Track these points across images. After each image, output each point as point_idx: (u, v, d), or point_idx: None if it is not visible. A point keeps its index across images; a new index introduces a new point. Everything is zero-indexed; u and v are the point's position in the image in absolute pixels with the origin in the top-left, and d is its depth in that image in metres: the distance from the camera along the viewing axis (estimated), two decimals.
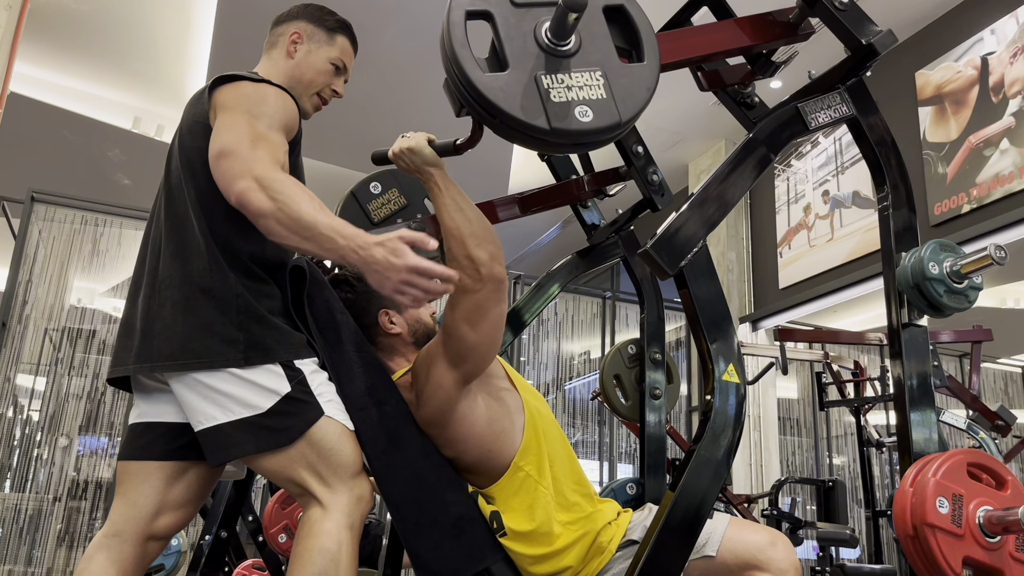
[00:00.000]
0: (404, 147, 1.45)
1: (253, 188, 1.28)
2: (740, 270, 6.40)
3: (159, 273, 1.45)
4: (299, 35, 1.65)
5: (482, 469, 1.49)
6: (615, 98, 1.20)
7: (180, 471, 1.48)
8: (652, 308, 2.34)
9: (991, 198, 4.43)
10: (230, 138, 1.35)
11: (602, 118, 1.19)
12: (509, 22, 1.20)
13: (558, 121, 1.16)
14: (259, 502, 4.16)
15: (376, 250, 1.23)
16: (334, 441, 1.39)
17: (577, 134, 1.18)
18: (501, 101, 1.15)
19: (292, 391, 1.37)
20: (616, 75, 1.22)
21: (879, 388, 3.86)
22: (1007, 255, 1.49)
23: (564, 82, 1.19)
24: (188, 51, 5.75)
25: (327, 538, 1.33)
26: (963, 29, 4.86)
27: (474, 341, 1.39)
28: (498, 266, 1.37)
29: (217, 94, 1.45)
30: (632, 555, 1.44)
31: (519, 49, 1.19)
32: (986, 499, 1.31)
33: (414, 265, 1.22)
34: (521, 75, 1.17)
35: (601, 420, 6.01)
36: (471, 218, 1.39)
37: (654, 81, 1.25)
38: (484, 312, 1.37)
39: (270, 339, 1.38)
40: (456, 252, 1.37)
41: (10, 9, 3.65)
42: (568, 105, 1.17)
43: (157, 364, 1.39)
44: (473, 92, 1.16)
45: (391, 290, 1.24)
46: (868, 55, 1.55)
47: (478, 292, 1.36)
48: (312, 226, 1.25)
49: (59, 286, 4.66)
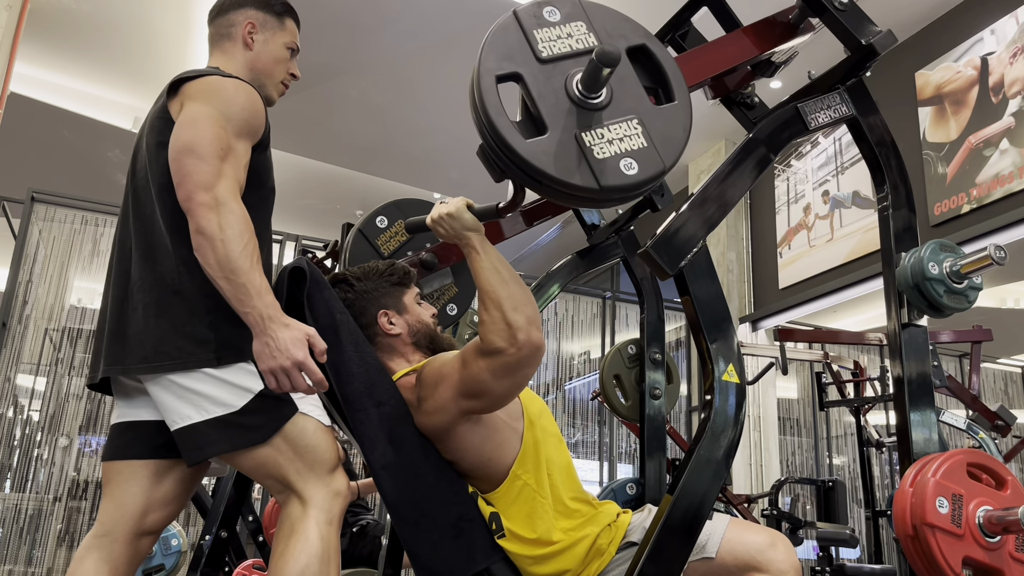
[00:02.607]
0: (443, 213, 1.42)
1: (210, 206, 1.30)
2: (740, 270, 6.39)
3: (131, 276, 1.45)
4: (253, 25, 1.62)
5: (480, 475, 1.50)
6: (655, 145, 1.20)
7: (165, 468, 1.49)
8: (652, 308, 2.34)
9: (991, 198, 4.43)
10: (199, 136, 1.35)
11: (647, 168, 1.19)
12: (539, 80, 1.19)
13: (606, 179, 1.16)
14: (259, 502, 4.16)
15: (281, 329, 1.28)
16: (310, 437, 1.40)
17: (625, 188, 1.18)
18: (548, 167, 1.14)
19: (265, 388, 1.37)
20: (652, 120, 1.22)
21: (879, 388, 3.86)
22: (1007, 255, 1.50)
23: (604, 136, 1.18)
24: (188, 51, 5.75)
25: (309, 534, 1.33)
26: (963, 29, 4.86)
27: (492, 390, 1.37)
28: (536, 331, 1.33)
29: (185, 88, 1.44)
30: (631, 557, 1.44)
31: (553, 107, 1.18)
32: (986, 499, 1.31)
33: (303, 361, 1.28)
34: (561, 136, 1.16)
35: (601, 420, 6.01)
36: (508, 281, 1.35)
37: (689, 120, 1.25)
38: (512, 372, 1.35)
39: (242, 338, 1.38)
40: (492, 314, 1.33)
41: (10, 9, 3.65)
42: (613, 160, 1.17)
43: (131, 367, 1.39)
44: (518, 161, 1.15)
45: (266, 368, 1.29)
46: (868, 55, 1.55)
47: (511, 356, 1.32)
48: (238, 271, 1.29)
49: (59, 286, 4.66)
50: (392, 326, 1.60)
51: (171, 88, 1.46)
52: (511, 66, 1.18)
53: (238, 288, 1.29)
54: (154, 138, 1.46)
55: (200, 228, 1.30)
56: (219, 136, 1.36)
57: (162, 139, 1.44)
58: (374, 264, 1.69)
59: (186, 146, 1.34)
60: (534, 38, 1.21)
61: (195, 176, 1.32)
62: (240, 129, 1.41)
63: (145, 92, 6.28)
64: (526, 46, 1.20)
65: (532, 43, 1.20)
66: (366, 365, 1.49)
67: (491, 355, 1.33)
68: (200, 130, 1.36)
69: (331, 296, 1.53)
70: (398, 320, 1.61)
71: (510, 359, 1.32)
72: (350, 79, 5.06)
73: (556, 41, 1.22)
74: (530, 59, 1.20)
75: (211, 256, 1.29)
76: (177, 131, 1.38)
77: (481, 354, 1.35)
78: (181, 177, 1.33)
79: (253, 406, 1.37)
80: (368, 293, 1.61)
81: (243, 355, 1.38)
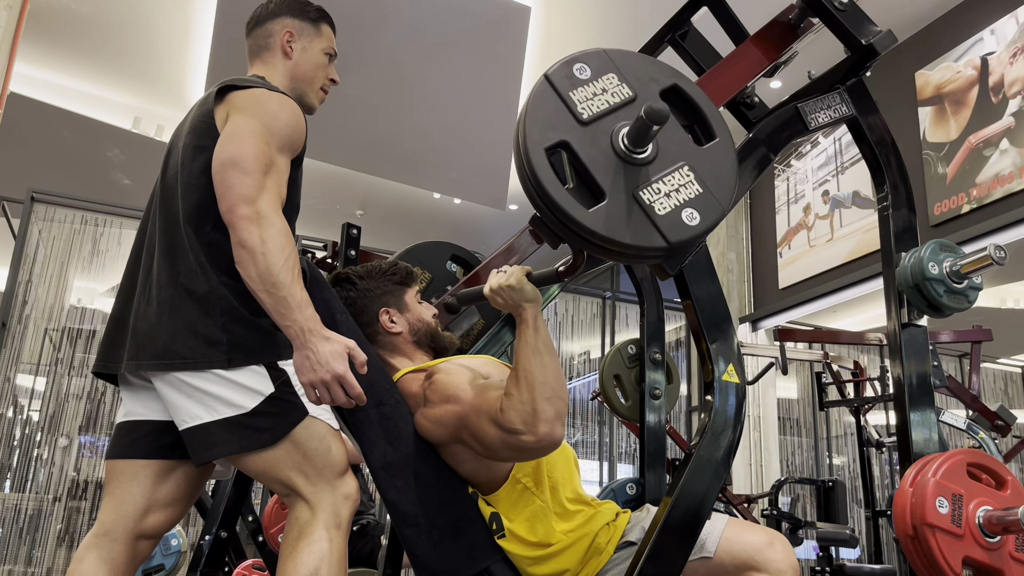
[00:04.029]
0: (503, 284, 1.40)
1: (252, 219, 1.31)
2: (740, 270, 6.39)
3: (152, 271, 1.45)
4: (291, 33, 1.64)
5: (479, 480, 1.49)
6: (710, 189, 1.20)
7: (168, 469, 1.48)
8: (652, 308, 2.34)
9: (991, 198, 4.43)
10: (243, 151, 1.36)
11: (709, 215, 1.18)
12: (585, 144, 1.18)
13: (673, 234, 1.16)
14: (259, 502, 4.16)
15: (322, 343, 1.28)
16: (319, 441, 1.39)
17: (693, 240, 1.18)
18: (615, 234, 1.14)
19: (276, 391, 1.38)
20: (700, 163, 1.21)
21: (879, 388, 3.86)
22: (1007, 255, 1.50)
23: (660, 190, 1.18)
24: (188, 51, 5.74)
25: (317, 538, 1.33)
26: (963, 29, 4.86)
27: (495, 454, 1.37)
28: (560, 428, 1.29)
29: (231, 97, 1.45)
30: (630, 556, 1.44)
31: (604, 169, 1.17)
32: (986, 499, 1.31)
33: (343, 374, 1.28)
34: (620, 198, 1.16)
35: (601, 420, 6.01)
36: (548, 366, 1.31)
37: (735, 156, 1.25)
38: (521, 454, 1.34)
39: (253, 340, 1.38)
40: (523, 396, 1.28)
41: (10, 9, 3.65)
42: (675, 213, 1.17)
43: (143, 363, 1.39)
44: (583, 231, 1.14)
45: (306, 382, 1.29)
46: (868, 55, 1.55)
47: (527, 443, 1.28)
48: (279, 285, 1.29)
49: (59, 286, 4.66)
50: (393, 324, 1.60)
51: (218, 93, 1.47)
52: (556, 135, 1.17)
53: (279, 301, 1.29)
54: (192, 140, 1.48)
55: (242, 241, 1.31)
56: (263, 151, 1.37)
57: (200, 143, 1.45)
58: (377, 263, 1.69)
59: (230, 159, 1.35)
60: (571, 101, 1.19)
61: (238, 190, 1.32)
62: (283, 144, 1.42)
63: (145, 92, 6.29)
64: (565, 111, 1.18)
65: (571, 107, 1.19)
66: None
67: (505, 432, 1.30)
68: (245, 144, 1.36)
69: (331, 296, 1.53)
70: (399, 318, 1.61)
71: (524, 444, 1.29)
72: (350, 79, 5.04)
73: (593, 99, 1.20)
74: (572, 124, 1.18)
75: (252, 269, 1.30)
76: (222, 144, 1.39)
77: (496, 424, 1.31)
78: (224, 189, 1.34)
79: (263, 408, 1.37)
80: (370, 291, 1.61)
81: (254, 358, 1.38)
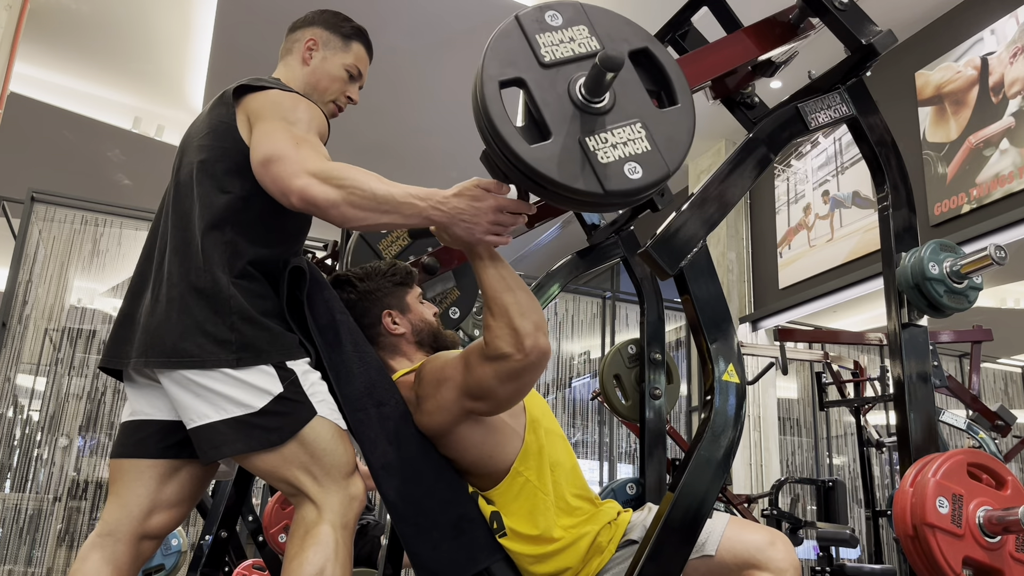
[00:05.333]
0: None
1: (314, 183, 1.29)
2: (740, 270, 6.39)
3: (164, 269, 1.45)
4: (315, 42, 1.66)
5: (482, 472, 1.49)
6: (659, 149, 1.20)
7: (173, 469, 1.48)
8: (652, 308, 2.34)
9: (991, 198, 4.43)
10: (272, 145, 1.36)
11: (652, 172, 1.19)
12: (542, 86, 1.18)
13: (611, 183, 1.16)
14: (259, 502, 4.16)
15: (457, 201, 1.27)
16: (327, 441, 1.39)
17: (629, 193, 1.18)
18: (553, 172, 1.14)
19: (284, 391, 1.38)
20: (655, 124, 1.22)
21: (879, 388, 3.86)
22: (1007, 255, 1.49)
23: (608, 141, 1.18)
24: (188, 51, 5.74)
25: (323, 539, 1.33)
26: (963, 29, 4.86)
27: (496, 394, 1.37)
28: (543, 337, 1.33)
29: (247, 101, 1.46)
30: (631, 555, 1.44)
31: (556, 112, 1.18)
32: (986, 499, 1.31)
33: (498, 204, 1.28)
34: (565, 140, 1.16)
35: (601, 420, 6.01)
36: (514, 287, 1.34)
37: (692, 123, 1.25)
38: (518, 377, 1.35)
39: (262, 340, 1.38)
40: (498, 320, 1.32)
41: (10, 9, 3.65)
42: (617, 164, 1.17)
43: (151, 360, 1.39)
44: (523, 167, 1.15)
45: (482, 234, 1.28)
46: (868, 55, 1.55)
47: (518, 362, 1.31)
48: (389, 198, 1.28)
49: (59, 286, 4.66)
50: (396, 326, 1.60)
51: (234, 93, 1.48)
52: (514, 71, 1.18)
53: (403, 208, 1.28)
54: (211, 141, 1.48)
55: (326, 203, 1.28)
56: (288, 137, 1.37)
57: (223, 144, 1.46)
58: (375, 264, 1.69)
59: (266, 158, 1.35)
60: (536, 43, 1.20)
61: (283, 174, 1.32)
62: (309, 127, 1.42)
63: (145, 92, 6.29)
64: (528, 51, 1.20)
65: (535, 48, 1.20)
66: (366, 365, 1.49)
67: (497, 360, 1.32)
68: (274, 140, 1.37)
69: (331, 296, 1.53)
70: (402, 320, 1.61)
71: (517, 364, 1.31)
72: None
73: (559, 46, 1.21)
74: (533, 64, 1.19)
75: (357, 212, 1.28)
76: (254, 150, 1.39)
77: (486, 359, 1.34)
78: (273, 183, 1.34)
79: (272, 408, 1.36)
80: (371, 293, 1.61)
81: (263, 358, 1.38)
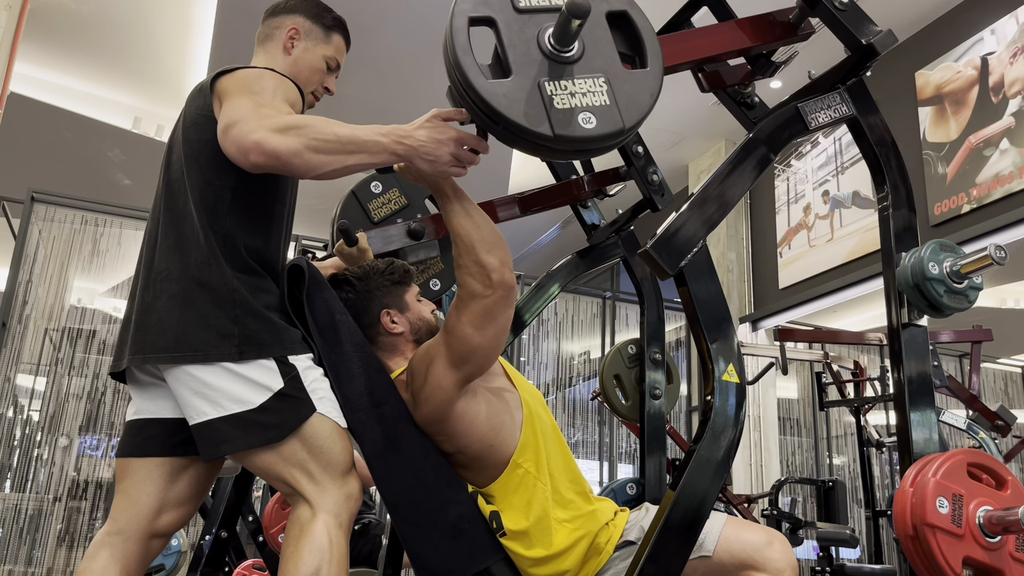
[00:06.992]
0: None
1: (272, 135, 1.27)
2: (740, 270, 6.39)
3: (155, 265, 1.45)
4: (297, 31, 1.65)
5: (483, 465, 1.49)
6: (618, 104, 1.20)
7: (181, 467, 1.48)
8: (652, 308, 2.34)
9: (991, 198, 4.43)
10: (233, 112, 1.34)
11: (605, 125, 1.19)
12: (512, 28, 1.20)
13: (561, 128, 1.16)
14: (259, 502, 4.16)
15: (420, 132, 1.28)
16: (326, 439, 1.39)
17: (580, 140, 1.18)
18: (504, 108, 1.15)
19: (285, 387, 1.37)
20: (619, 81, 1.22)
21: (879, 388, 3.86)
22: (1007, 255, 1.49)
23: (567, 89, 1.19)
24: (188, 51, 5.74)
25: (318, 537, 1.32)
26: (963, 29, 4.86)
27: (479, 344, 1.38)
28: (508, 272, 1.36)
29: (218, 84, 1.45)
30: (629, 556, 1.44)
31: (522, 56, 1.19)
32: (986, 499, 1.31)
33: (459, 137, 1.29)
34: (524, 82, 1.17)
35: (601, 420, 6.01)
36: (480, 224, 1.38)
37: (657, 87, 1.25)
38: (492, 317, 1.37)
39: (265, 334, 1.38)
40: (466, 258, 1.36)
41: (10, 9, 3.65)
42: (571, 112, 1.17)
43: (151, 356, 1.39)
44: (476, 98, 1.16)
45: (444, 166, 1.29)
46: (868, 55, 1.55)
47: (487, 297, 1.35)
48: (353, 138, 1.27)
49: (59, 286, 4.66)
50: (395, 325, 1.61)
51: (211, 85, 1.48)
52: (486, 11, 1.19)
53: (368, 145, 1.28)
54: (195, 134, 1.47)
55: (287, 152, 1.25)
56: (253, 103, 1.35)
57: (204, 136, 1.45)
58: (373, 264, 1.69)
59: (225, 127, 1.33)
60: None
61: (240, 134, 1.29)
62: (274, 96, 1.40)
63: (145, 92, 6.28)
64: None
65: None
66: (366, 365, 1.49)
67: (469, 301, 1.36)
68: (234, 108, 1.35)
69: (331, 296, 1.53)
70: (400, 319, 1.61)
71: (488, 301, 1.35)
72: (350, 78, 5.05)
73: None
74: (507, 6, 1.21)
75: (322, 157, 1.26)
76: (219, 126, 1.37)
77: (459, 305, 1.37)
78: (234, 147, 1.30)
79: (271, 404, 1.36)
80: (370, 293, 1.61)
81: (265, 351, 1.38)
